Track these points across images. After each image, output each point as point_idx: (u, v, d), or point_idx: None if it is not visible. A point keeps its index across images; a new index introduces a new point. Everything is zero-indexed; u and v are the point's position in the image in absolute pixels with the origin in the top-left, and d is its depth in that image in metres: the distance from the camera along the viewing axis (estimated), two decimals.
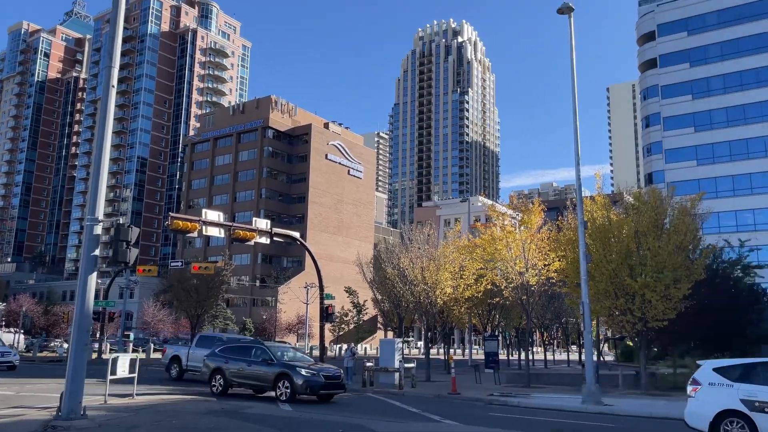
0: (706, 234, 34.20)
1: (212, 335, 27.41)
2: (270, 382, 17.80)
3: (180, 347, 26.57)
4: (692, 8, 66.04)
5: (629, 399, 20.48)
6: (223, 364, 18.95)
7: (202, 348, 23.58)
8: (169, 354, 25.78)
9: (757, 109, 60.28)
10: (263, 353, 18.67)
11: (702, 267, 24.05)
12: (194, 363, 23.64)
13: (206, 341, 24.50)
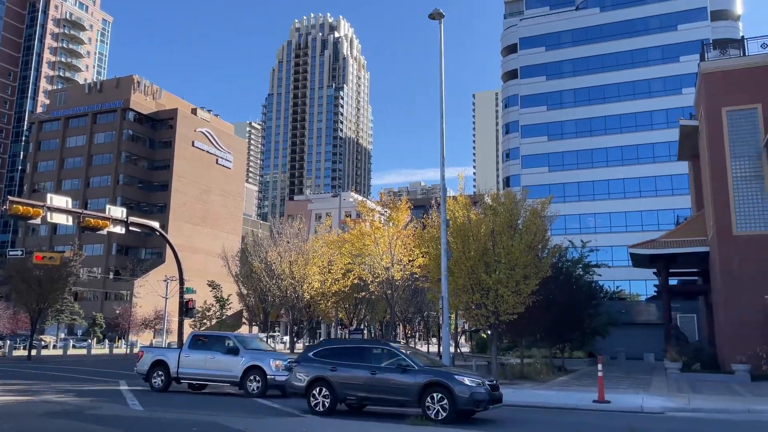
0: (553, 235, 37.21)
1: (214, 334, 21.56)
2: (413, 395, 13.25)
3: (164, 350, 21.09)
4: (550, 25, 71.56)
5: None
6: (328, 372, 14.17)
7: (198, 350, 19.16)
8: (149, 359, 19.75)
9: (601, 122, 66.72)
10: (392, 356, 14.10)
11: (549, 265, 26.13)
12: (188, 369, 18.94)
13: (205, 342, 19.68)
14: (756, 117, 29.46)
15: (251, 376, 18.00)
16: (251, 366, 18.08)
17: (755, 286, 27.98)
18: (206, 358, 18.79)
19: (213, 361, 18.68)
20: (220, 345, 19.08)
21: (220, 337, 20.04)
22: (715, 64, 31.16)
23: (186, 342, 19.96)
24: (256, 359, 18.23)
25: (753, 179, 29.17)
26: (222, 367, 18.48)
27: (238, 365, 18.21)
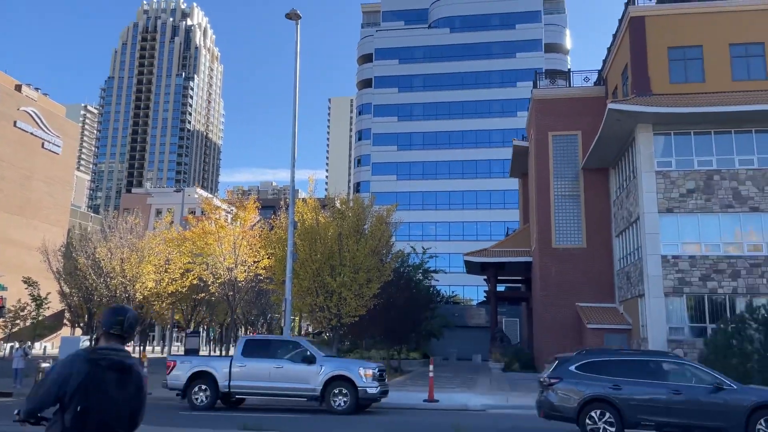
0: (398, 240, 38.64)
1: (277, 339, 18.01)
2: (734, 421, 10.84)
3: (204, 359, 17.47)
4: (404, 40, 74.39)
5: None
6: (609, 390, 11.38)
7: (256, 358, 15.76)
8: (185, 370, 15.96)
9: (446, 137, 70.62)
10: (694, 371, 11.62)
11: (391, 269, 27.10)
12: (244, 382, 15.61)
13: (264, 348, 16.23)
14: (576, 142, 33.07)
15: (336, 388, 15.14)
16: (335, 376, 15.21)
17: (568, 293, 31.32)
18: (270, 368, 15.43)
19: (281, 372, 15.40)
20: (287, 351, 15.87)
21: (286, 341, 16.68)
22: (545, 92, 34.49)
23: (238, 348, 16.29)
24: (341, 368, 15.40)
25: (571, 198, 32.67)
26: (294, 379, 15.35)
27: (316, 376, 15.24)
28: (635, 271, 26.87)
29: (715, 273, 24.23)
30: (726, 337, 20.16)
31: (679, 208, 25.07)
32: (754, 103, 24.22)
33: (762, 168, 24.70)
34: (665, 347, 23.81)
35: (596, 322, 28.88)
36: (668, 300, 24.52)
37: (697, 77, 26.29)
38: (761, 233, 24.39)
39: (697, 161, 25.42)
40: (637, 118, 25.51)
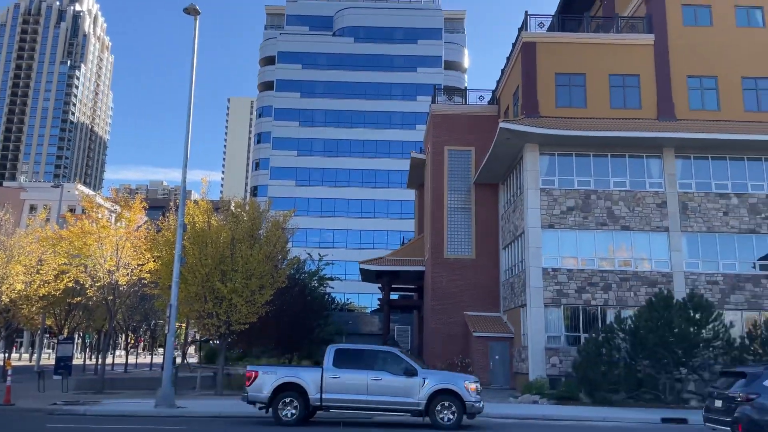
0: (294, 247, 38.16)
1: (370, 348, 16.20)
2: None
3: (291, 369, 16.18)
4: (308, 45, 74.11)
5: (203, 400, 21.08)
6: None
7: (350, 370, 14.79)
8: (270, 381, 14.84)
9: (347, 144, 70.98)
10: None
11: (285, 276, 26.67)
12: (338, 395, 14.63)
13: (357, 358, 15.17)
14: (470, 158, 34.38)
15: (442, 402, 14.56)
16: (440, 390, 14.60)
17: (457, 303, 32.40)
18: (368, 380, 14.63)
19: (380, 384, 14.64)
20: (384, 362, 15.07)
21: (380, 352, 15.73)
22: (442, 108, 35.62)
23: (328, 358, 15.16)
24: (446, 381, 14.81)
25: (463, 211, 33.88)
26: (395, 392, 14.63)
27: (419, 389, 14.58)
28: (519, 282, 28.30)
29: (589, 286, 26.05)
30: (597, 346, 21.70)
31: (560, 224, 26.74)
32: (628, 130, 26.40)
33: (633, 190, 26.94)
34: (543, 355, 25.24)
35: (482, 331, 30.06)
36: (547, 310, 26.02)
37: (580, 103, 28.24)
38: (630, 250, 26.56)
39: (577, 181, 27.27)
40: (525, 138, 26.98)
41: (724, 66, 28.13)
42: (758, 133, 26.07)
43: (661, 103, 27.78)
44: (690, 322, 21.43)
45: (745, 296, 25.74)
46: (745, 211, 26.49)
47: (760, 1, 28.82)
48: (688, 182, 27.04)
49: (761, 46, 28.32)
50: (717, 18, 28.73)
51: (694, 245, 26.46)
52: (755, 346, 22.01)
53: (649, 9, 29.09)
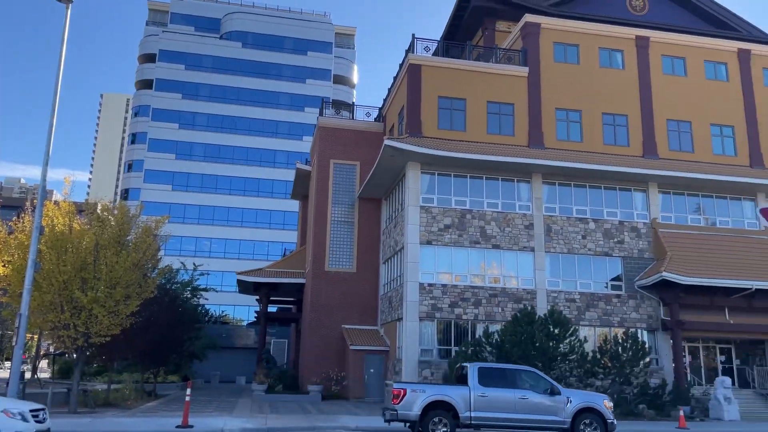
0: (167, 255, 36.29)
1: (512, 368, 16.37)
2: None
3: (440, 387, 15.88)
4: (193, 46, 71.39)
5: (55, 419, 19.26)
6: None
7: (494, 388, 15.13)
8: (421, 399, 14.65)
9: (230, 151, 68.93)
10: None
11: (155, 285, 25.18)
12: (486, 413, 14.84)
13: (500, 376, 15.54)
14: (355, 172, 34.73)
15: (585, 420, 15.12)
16: (583, 409, 15.24)
17: (336, 316, 32.40)
18: (515, 399, 15.02)
19: (526, 403, 15.09)
20: (527, 381, 15.60)
21: (523, 371, 16.16)
22: (330, 121, 35.75)
23: (472, 376, 15.37)
24: (588, 400, 15.51)
25: (346, 224, 34.08)
26: (540, 411, 15.10)
27: (564, 408, 15.19)
28: (397, 296, 28.88)
29: (461, 301, 27.16)
30: (466, 359, 22.59)
31: (437, 241, 27.69)
32: (503, 155, 28.00)
33: (504, 211, 28.55)
34: (416, 368, 25.88)
35: (358, 344, 30.26)
36: (422, 324, 26.77)
37: (460, 126, 29.56)
38: (500, 268, 28.07)
39: (454, 200, 28.44)
40: (408, 156, 27.75)
41: (588, 102, 30.77)
42: (613, 165, 28.72)
43: (532, 132, 29.78)
44: (550, 336, 22.97)
45: (598, 313, 28.10)
46: (601, 235, 29.00)
47: (621, 45, 31.90)
48: (553, 206, 29.14)
49: (620, 86, 31.32)
50: (583, 57, 31.41)
51: (556, 265, 28.50)
52: (605, 359, 24.04)
53: (525, 43, 31.19)
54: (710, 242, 29.07)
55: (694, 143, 31.24)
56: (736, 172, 30.11)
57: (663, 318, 28.15)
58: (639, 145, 30.64)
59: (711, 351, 30.25)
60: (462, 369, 15.95)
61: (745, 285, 27.01)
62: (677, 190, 30.31)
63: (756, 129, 31.86)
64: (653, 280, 27.28)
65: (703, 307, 28.07)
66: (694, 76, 32.21)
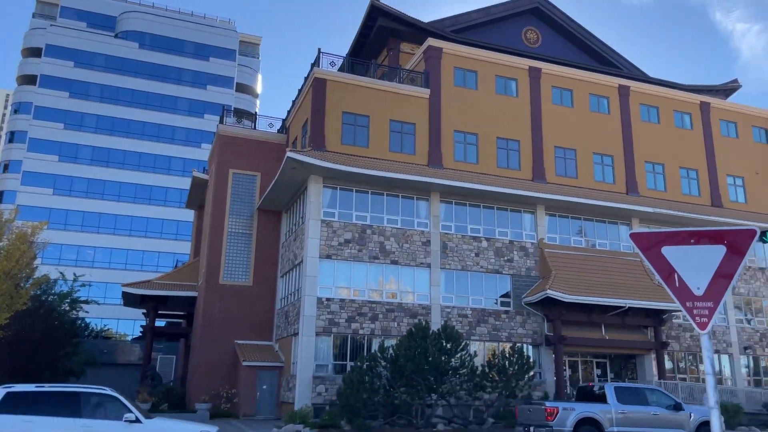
0: (44, 264, 33.59)
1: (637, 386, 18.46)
2: None
3: (587, 405, 16.97)
4: (85, 43, 67.27)
5: None
6: None
7: (629, 405, 16.68)
8: (573, 416, 16.13)
9: (121, 155, 65.27)
10: None
11: (28, 297, 23.25)
12: (625, 428, 16.31)
13: (630, 394, 17.28)
14: (255, 183, 34.03)
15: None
16: (703, 422, 16.87)
17: (229, 331, 31.37)
18: (648, 415, 16.84)
19: (657, 419, 16.91)
20: (654, 398, 17.43)
21: (650, 389, 18.44)
22: (230, 130, 34.86)
23: (610, 394, 17.32)
24: (703, 414, 17.10)
25: (244, 236, 33.22)
26: (669, 425, 16.90)
27: (688, 422, 16.98)
28: (293, 310, 28.46)
29: (358, 315, 27.24)
30: (360, 374, 22.63)
31: (336, 255, 27.66)
32: (403, 173, 28.58)
33: (403, 228, 29.09)
34: (310, 384, 25.56)
35: (251, 360, 29.45)
36: (318, 339, 26.53)
37: (363, 142, 29.86)
38: (398, 283, 28.50)
39: (355, 215, 28.60)
40: (310, 169, 27.62)
41: (484, 126, 32.20)
42: (505, 187, 30.18)
43: (432, 152, 30.68)
44: (442, 351, 23.54)
45: (488, 328, 29.22)
46: (493, 253, 30.28)
47: (515, 74, 33.72)
48: (450, 224, 30.08)
49: (513, 113, 33.06)
50: (481, 83, 32.89)
51: (450, 281, 29.37)
52: (493, 373, 24.97)
53: (427, 66, 32.19)
54: (590, 263, 31.21)
55: (578, 170, 33.53)
56: (614, 198, 32.61)
57: (547, 333, 29.76)
58: (529, 169, 32.42)
59: (589, 365, 32.35)
60: (600, 388, 17.80)
61: (619, 303, 29.20)
62: (562, 213, 32.34)
63: (632, 159, 34.74)
64: (539, 297, 28.82)
65: (583, 324, 30.00)
66: (580, 107, 34.68)
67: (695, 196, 35.64)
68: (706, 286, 4.72)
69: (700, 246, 4.74)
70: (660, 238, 4.91)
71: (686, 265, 4.77)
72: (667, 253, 4.85)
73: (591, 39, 39.04)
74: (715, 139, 37.12)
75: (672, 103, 36.86)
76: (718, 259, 4.69)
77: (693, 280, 4.76)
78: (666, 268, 4.86)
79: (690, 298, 4.77)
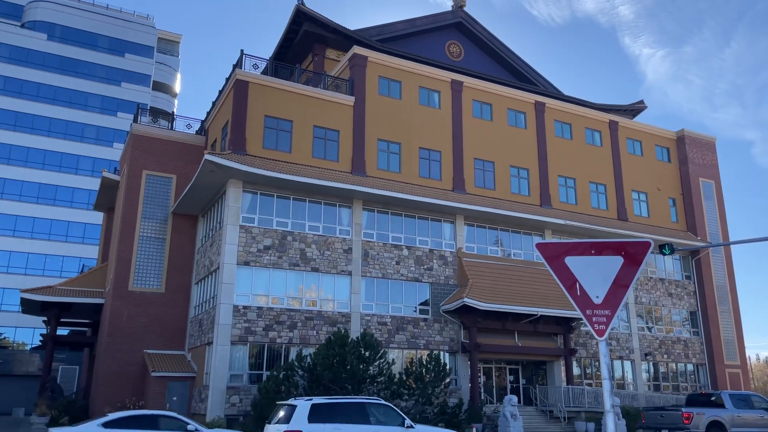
0: None
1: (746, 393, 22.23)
2: None
3: (715, 410, 20.36)
4: None
5: None
6: None
7: (743, 410, 20.48)
8: (703, 419, 19.68)
9: (23, 152, 61.03)
10: None
11: None
12: (742, 429, 19.92)
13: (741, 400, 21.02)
14: (170, 185, 32.70)
15: None
16: None
17: (138, 339, 29.87)
18: (756, 417, 20.23)
19: (763, 420, 20.33)
20: (760, 404, 20.99)
21: (753, 396, 21.74)
22: (145, 129, 33.36)
23: (727, 401, 20.52)
24: None
25: (157, 240, 31.81)
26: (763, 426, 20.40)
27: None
28: (208, 318, 27.49)
29: (276, 324, 26.67)
30: (277, 383, 22.15)
31: (255, 262, 27.00)
32: (327, 180, 28.36)
33: (324, 235, 28.84)
34: (224, 394, 24.72)
35: (161, 370, 28.15)
36: (234, 348, 25.73)
37: (285, 147, 29.40)
38: (318, 291, 28.17)
39: (276, 221, 28.07)
40: (230, 173, 26.86)
41: (407, 135, 32.56)
42: (426, 197, 30.61)
43: (356, 159, 30.66)
44: (360, 359, 23.46)
45: (407, 336, 29.43)
46: (413, 261, 30.59)
47: (438, 86, 34.35)
48: (371, 232, 30.13)
49: (436, 124, 33.64)
50: (405, 93, 33.28)
51: (370, 289, 29.38)
52: (410, 381, 25.15)
53: (352, 73, 32.20)
54: (506, 272, 32.18)
55: (496, 181, 34.55)
56: (529, 210, 33.83)
57: (463, 341, 30.34)
58: (450, 179, 33.07)
59: (502, 371, 33.26)
60: (713, 396, 21.09)
61: (532, 311, 30.25)
62: (480, 223, 33.19)
63: (546, 173, 36.22)
64: (456, 305, 29.36)
65: (497, 331, 30.83)
66: (499, 121, 35.80)
67: (603, 209, 37.60)
68: (604, 295, 4.89)
69: (600, 257, 4.91)
70: (563, 248, 5.04)
71: (587, 275, 4.92)
72: (570, 263, 4.98)
73: (510, 55, 40.49)
74: (622, 156, 39.37)
75: (584, 120, 38.79)
76: (616, 270, 4.87)
77: (593, 289, 4.91)
78: (569, 278, 4.99)
79: (590, 306, 4.92)
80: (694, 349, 38.26)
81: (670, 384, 36.87)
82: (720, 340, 38.64)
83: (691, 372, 38.11)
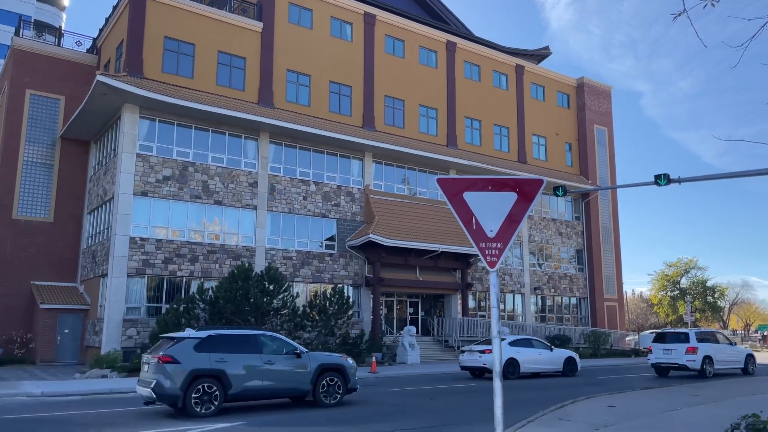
0: None
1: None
2: None
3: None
4: None
5: None
6: None
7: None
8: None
9: None
10: None
11: None
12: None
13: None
14: (58, 107, 30.27)
15: None
16: None
17: (24, 271, 28.19)
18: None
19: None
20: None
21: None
22: (29, 44, 30.36)
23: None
24: None
25: (44, 166, 29.63)
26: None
27: None
28: (102, 250, 26.31)
29: (177, 257, 25.99)
30: (177, 316, 21.81)
31: (154, 193, 25.87)
32: (231, 109, 27.27)
33: (229, 167, 28.00)
34: (120, 327, 24.08)
35: (51, 303, 26.86)
36: (131, 280, 24.91)
37: (187, 73, 27.81)
38: (221, 224, 27.57)
39: (176, 151, 26.84)
40: (125, 97, 25.17)
41: (317, 67, 31.74)
42: (336, 132, 30.29)
43: (263, 90, 29.62)
44: (264, 292, 23.50)
45: (312, 271, 29.71)
46: (320, 197, 30.53)
47: (351, 18, 33.47)
48: (278, 166, 29.60)
49: (347, 58, 32.96)
50: (316, 23, 32.18)
51: (276, 224, 29.15)
52: (314, 313, 25.60)
53: None
54: (411, 209, 32.92)
55: (405, 120, 34.74)
56: (436, 149, 34.45)
57: (367, 275, 31.09)
58: (360, 116, 32.84)
59: (404, 304, 34.58)
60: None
61: (433, 247, 31.35)
62: (388, 161, 33.45)
63: (454, 114, 36.80)
64: (361, 241, 29.85)
65: (400, 266, 31.79)
66: (410, 58, 35.65)
67: (505, 151, 38.99)
68: (498, 229, 5.14)
69: (496, 192, 5.13)
70: (463, 184, 5.22)
71: (483, 210, 5.14)
72: (468, 199, 5.17)
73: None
74: (525, 100, 40.65)
75: (492, 63, 39.44)
76: (510, 205, 5.12)
77: (488, 224, 5.15)
78: (467, 213, 5.20)
79: (484, 240, 5.17)
80: (578, 284, 41.46)
81: (555, 315, 39.96)
82: (602, 276, 42.06)
83: (574, 305, 41.42)
